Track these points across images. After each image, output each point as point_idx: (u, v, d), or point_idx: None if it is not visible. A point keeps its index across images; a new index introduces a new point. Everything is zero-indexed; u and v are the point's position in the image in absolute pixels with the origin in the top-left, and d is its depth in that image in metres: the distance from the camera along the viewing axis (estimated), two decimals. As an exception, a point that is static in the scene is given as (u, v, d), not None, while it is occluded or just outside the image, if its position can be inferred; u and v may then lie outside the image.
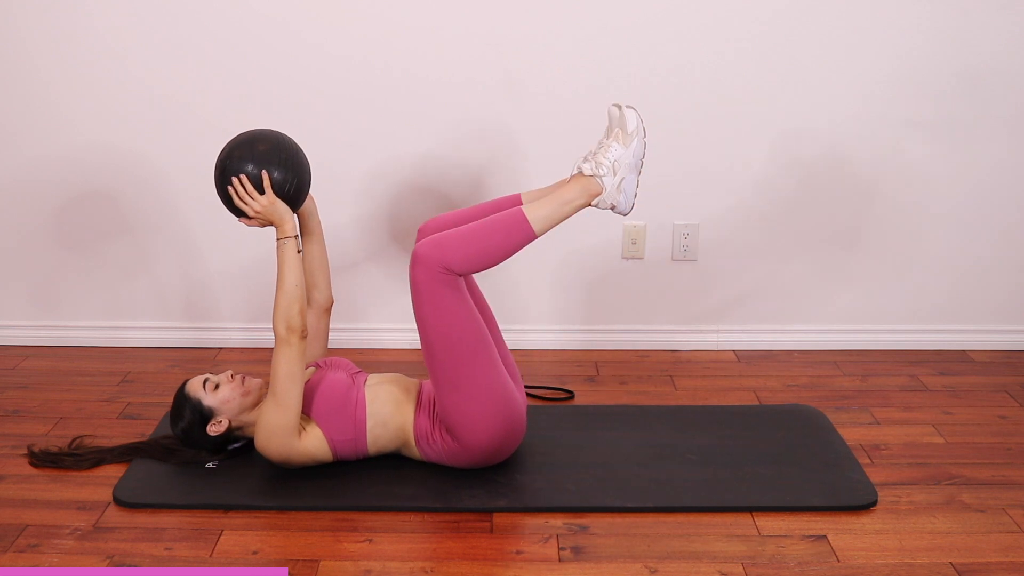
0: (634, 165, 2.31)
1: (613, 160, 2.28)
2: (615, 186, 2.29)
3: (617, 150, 2.28)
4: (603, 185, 2.28)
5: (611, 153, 2.28)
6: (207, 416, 2.37)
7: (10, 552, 2.13)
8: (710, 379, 2.99)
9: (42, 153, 3.07)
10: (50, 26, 2.94)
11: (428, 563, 2.09)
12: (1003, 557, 2.09)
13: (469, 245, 2.22)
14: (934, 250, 3.13)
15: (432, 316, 2.22)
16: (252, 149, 2.27)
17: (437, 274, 2.19)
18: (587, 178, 2.29)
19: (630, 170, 2.30)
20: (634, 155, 2.30)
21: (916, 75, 2.95)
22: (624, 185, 2.30)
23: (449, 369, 2.24)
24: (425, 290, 2.21)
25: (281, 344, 2.24)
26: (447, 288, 2.20)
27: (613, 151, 2.28)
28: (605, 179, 2.28)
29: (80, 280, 3.21)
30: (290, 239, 2.28)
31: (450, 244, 2.20)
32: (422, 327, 2.25)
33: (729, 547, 2.13)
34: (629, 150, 2.29)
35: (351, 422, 2.33)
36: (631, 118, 2.29)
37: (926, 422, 2.70)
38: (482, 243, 2.23)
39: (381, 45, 2.94)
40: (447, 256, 2.19)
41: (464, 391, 2.25)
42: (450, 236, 2.22)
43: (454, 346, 2.23)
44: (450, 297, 2.21)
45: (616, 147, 2.29)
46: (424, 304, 2.22)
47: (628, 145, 2.29)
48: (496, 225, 2.25)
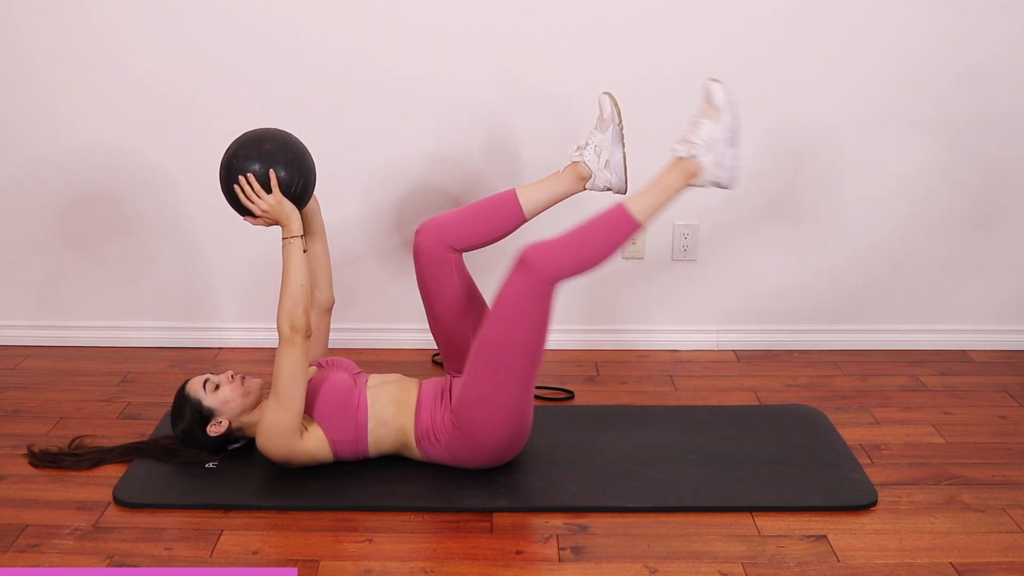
0: (729, 139, 2.28)
1: (706, 137, 2.27)
2: (714, 163, 2.28)
3: (708, 127, 2.27)
4: (700, 164, 2.28)
5: (703, 131, 2.28)
6: (207, 417, 2.37)
7: (10, 552, 2.13)
8: (710, 379, 2.99)
9: (42, 153, 3.07)
10: (50, 26, 2.94)
11: (428, 563, 2.09)
12: (1003, 557, 2.09)
13: (578, 251, 2.23)
14: (934, 250, 3.13)
15: (514, 318, 2.22)
16: (258, 148, 2.27)
17: (543, 284, 2.20)
18: (684, 160, 2.29)
19: (726, 144, 2.28)
20: (727, 128, 2.28)
21: (916, 75, 2.95)
22: (724, 160, 2.28)
23: (498, 366, 2.23)
24: (521, 294, 2.20)
25: (285, 344, 2.25)
26: (544, 298, 2.21)
27: (705, 128, 2.27)
28: (701, 157, 2.28)
29: (80, 280, 3.21)
30: (296, 238, 2.28)
31: (559, 253, 2.21)
32: (497, 322, 2.23)
33: (729, 547, 2.13)
34: (720, 124, 2.28)
35: (352, 423, 2.33)
36: (717, 91, 2.28)
37: (926, 422, 2.70)
38: (590, 247, 2.24)
39: (381, 45, 2.94)
40: (559, 267, 2.20)
41: (500, 390, 2.25)
42: (558, 245, 2.22)
43: (516, 350, 2.23)
44: (540, 307, 2.22)
45: (707, 124, 2.28)
46: (510, 304, 2.21)
47: (718, 120, 2.28)
48: (601, 225, 2.26)
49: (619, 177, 2.42)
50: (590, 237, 2.25)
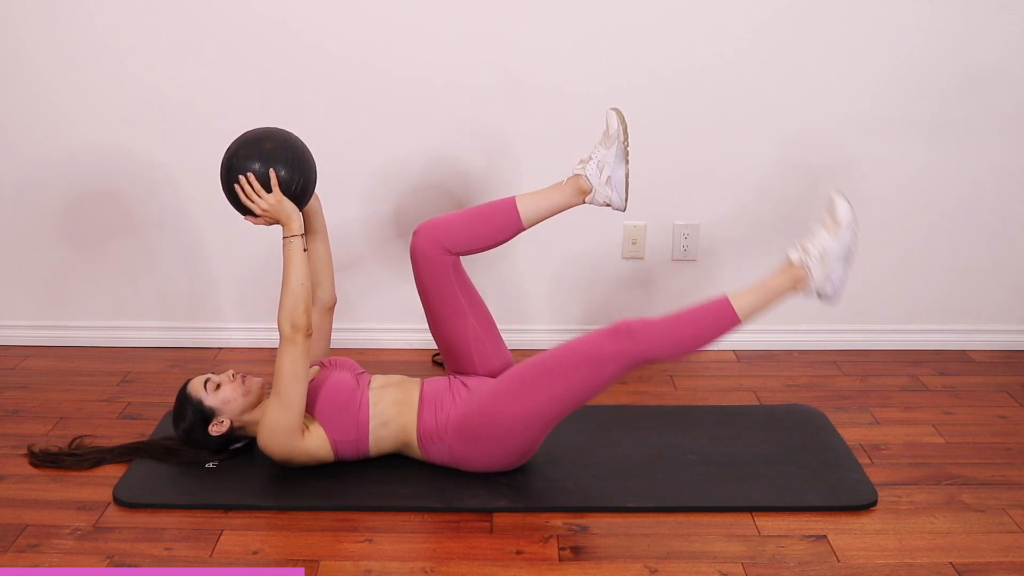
0: (843, 256, 2.29)
1: (821, 249, 2.27)
2: (823, 276, 2.29)
3: (826, 239, 2.28)
4: (811, 275, 2.29)
5: (819, 241, 2.28)
6: (208, 416, 2.37)
7: (10, 552, 2.13)
8: (710, 379, 2.99)
9: (42, 153, 3.07)
10: (50, 26, 2.94)
11: (428, 563, 2.09)
12: (1003, 557, 2.09)
13: (678, 335, 2.25)
14: (934, 250, 3.13)
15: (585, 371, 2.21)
16: (259, 147, 2.27)
17: (632, 356, 2.21)
18: (795, 267, 2.29)
19: (839, 260, 2.29)
20: (844, 246, 2.28)
21: (916, 75, 2.95)
22: (834, 275, 2.29)
23: (539, 402, 2.24)
24: (606, 357, 2.20)
25: (286, 343, 2.24)
26: (624, 368, 2.22)
27: (822, 240, 2.28)
28: (813, 269, 2.28)
29: (80, 280, 3.21)
30: (296, 238, 2.27)
31: (661, 330, 2.23)
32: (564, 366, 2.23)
33: (729, 547, 2.13)
34: (838, 240, 2.28)
35: (353, 423, 2.33)
36: (842, 208, 2.29)
37: (926, 422, 2.70)
38: (689, 334, 2.26)
39: (381, 45, 2.94)
40: (656, 344, 2.22)
41: (526, 420, 2.26)
42: (661, 322, 2.24)
43: (567, 396, 2.24)
44: (615, 373, 2.23)
45: (825, 236, 2.28)
46: (591, 360, 2.21)
47: (837, 235, 2.28)
48: (703, 315, 2.27)
49: (620, 195, 2.41)
50: (691, 324, 2.26)
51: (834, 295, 2.32)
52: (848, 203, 2.30)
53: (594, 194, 2.42)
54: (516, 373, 2.30)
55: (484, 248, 2.45)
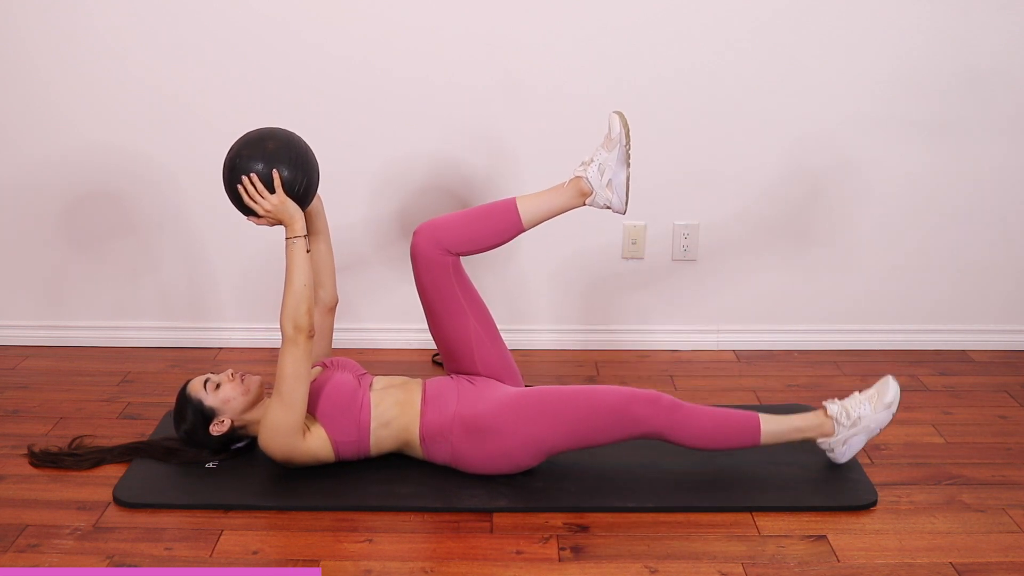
0: (871, 430, 2.36)
1: (858, 416, 2.34)
2: (843, 441, 2.35)
3: (866, 410, 2.34)
4: (837, 431, 2.35)
5: (860, 409, 2.35)
6: (209, 416, 2.37)
7: (10, 552, 2.13)
8: (710, 379, 2.99)
9: (42, 153, 3.07)
10: (50, 26, 2.94)
11: (428, 563, 2.09)
12: (1003, 557, 2.09)
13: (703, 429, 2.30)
14: (934, 250, 3.13)
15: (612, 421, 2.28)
16: (262, 147, 2.26)
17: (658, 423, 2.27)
18: (828, 418, 2.35)
19: (866, 432, 2.36)
20: (877, 424, 2.35)
21: (916, 75, 2.95)
22: (853, 439, 2.36)
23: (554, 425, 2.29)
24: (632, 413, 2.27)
25: (288, 344, 2.24)
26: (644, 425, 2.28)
27: (863, 408, 2.35)
28: (842, 427, 2.35)
29: (81, 280, 3.21)
30: (299, 238, 2.27)
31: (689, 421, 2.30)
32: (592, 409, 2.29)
33: (729, 547, 2.13)
34: (875, 416, 2.35)
35: (355, 424, 2.33)
36: (893, 393, 2.36)
37: (926, 422, 2.70)
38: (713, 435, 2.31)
39: (381, 45, 2.94)
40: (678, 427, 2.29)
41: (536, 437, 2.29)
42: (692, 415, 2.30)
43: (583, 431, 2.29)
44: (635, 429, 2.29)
45: (867, 407, 2.35)
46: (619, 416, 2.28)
47: (877, 412, 2.35)
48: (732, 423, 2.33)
49: (620, 198, 2.41)
50: (718, 428, 2.31)
51: (843, 458, 2.38)
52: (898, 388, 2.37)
53: (595, 197, 2.42)
54: (542, 394, 2.32)
55: (484, 249, 2.45)
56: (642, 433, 2.28)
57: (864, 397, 2.36)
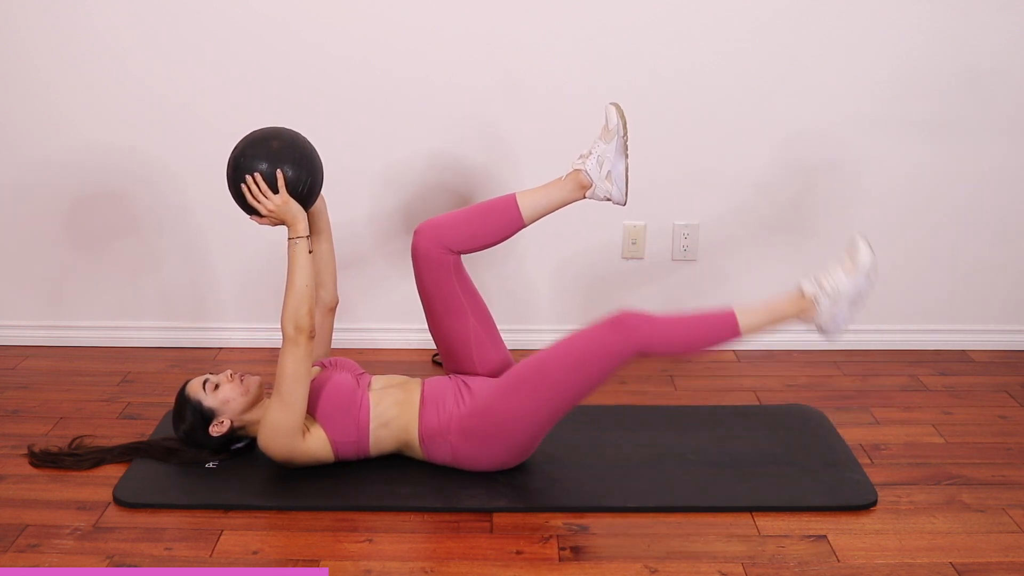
0: (854, 299, 2.29)
1: (834, 288, 2.28)
2: (829, 312, 2.29)
3: (841, 279, 2.28)
4: (819, 309, 2.29)
5: (834, 279, 2.28)
6: (208, 417, 2.37)
7: (10, 552, 2.13)
8: (710, 379, 2.99)
9: (42, 154, 3.07)
10: (50, 26, 2.94)
11: (428, 563, 2.09)
12: (1003, 557, 2.09)
13: (675, 334, 2.27)
14: (934, 250, 3.13)
15: (584, 366, 2.24)
16: (266, 147, 2.26)
17: (630, 349, 2.22)
18: (805, 298, 2.30)
19: (849, 301, 2.29)
20: (857, 290, 2.28)
21: (916, 75, 2.95)
22: (838, 314, 2.30)
23: (540, 400, 2.26)
24: (605, 350, 2.22)
25: (289, 344, 2.24)
26: (620, 360, 2.23)
27: (837, 278, 2.28)
28: (822, 304, 2.29)
29: (81, 280, 3.21)
30: (302, 239, 2.27)
31: (660, 326, 2.24)
32: (562, 362, 2.25)
33: (729, 547, 2.13)
34: (853, 283, 2.28)
35: (354, 424, 2.33)
36: (864, 254, 2.29)
37: (926, 422, 2.70)
38: (690, 334, 2.28)
39: (381, 45, 2.94)
40: (653, 339, 2.23)
41: (528, 418, 2.27)
42: (661, 318, 2.26)
43: (567, 392, 2.25)
44: (612, 366, 2.24)
45: (841, 275, 2.29)
46: (589, 353, 2.24)
47: (853, 278, 2.28)
48: (708, 321, 2.29)
49: (620, 189, 2.41)
50: (694, 327, 2.28)
51: (835, 333, 2.33)
52: (870, 249, 2.29)
53: (594, 189, 2.42)
54: (518, 372, 2.30)
55: (486, 246, 2.45)
56: (627, 359, 2.23)
57: (836, 267, 2.31)
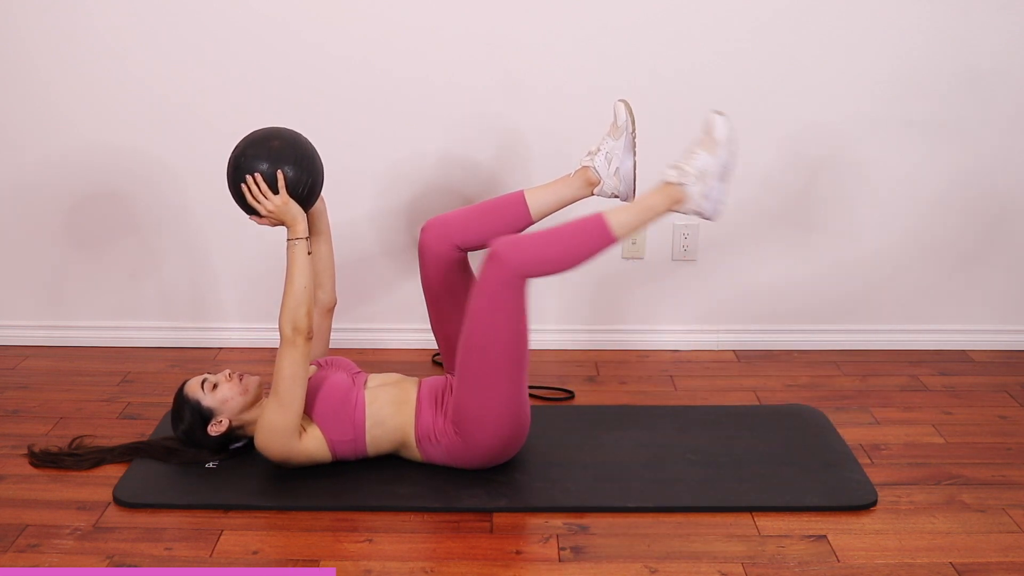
0: (721, 173, 2.28)
1: (699, 168, 2.26)
2: (700, 194, 2.28)
3: (704, 158, 2.27)
4: (687, 193, 2.28)
5: (697, 161, 2.27)
6: (207, 417, 2.37)
7: (10, 552, 2.13)
8: (710, 379, 2.99)
9: (42, 154, 3.07)
10: (50, 26, 2.94)
11: (428, 563, 2.09)
12: (1003, 557, 2.09)
13: (549, 249, 2.22)
14: (934, 250, 3.13)
15: (487, 314, 2.21)
16: (267, 147, 2.26)
17: (511, 278, 2.19)
18: (672, 185, 2.28)
19: (717, 178, 2.28)
20: (721, 164, 2.27)
21: (916, 75, 2.95)
22: (711, 193, 2.28)
23: (484, 368, 2.24)
24: (491, 289, 2.20)
25: (286, 345, 2.24)
26: (515, 293, 2.20)
27: (700, 159, 2.27)
28: (690, 187, 2.27)
29: (81, 280, 3.21)
30: (301, 240, 2.27)
31: (530, 248, 2.21)
32: (474, 322, 2.23)
33: (729, 547, 2.13)
34: (716, 158, 2.27)
35: (350, 424, 2.33)
36: (719, 125, 2.27)
37: (926, 422, 2.70)
38: (562, 249, 2.23)
39: (381, 45, 2.94)
40: (526, 260, 2.19)
41: (489, 391, 2.25)
42: (531, 240, 2.23)
43: (498, 348, 2.23)
44: (514, 302, 2.21)
45: (703, 155, 2.28)
46: (485, 301, 2.21)
47: (715, 153, 2.27)
48: (576, 230, 2.25)
49: (628, 185, 2.42)
50: (565, 240, 2.24)
51: (713, 212, 2.31)
52: (727, 120, 2.28)
53: (602, 185, 2.42)
54: (460, 357, 2.28)
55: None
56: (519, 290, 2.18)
57: (695, 146, 2.29)
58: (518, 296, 2.20)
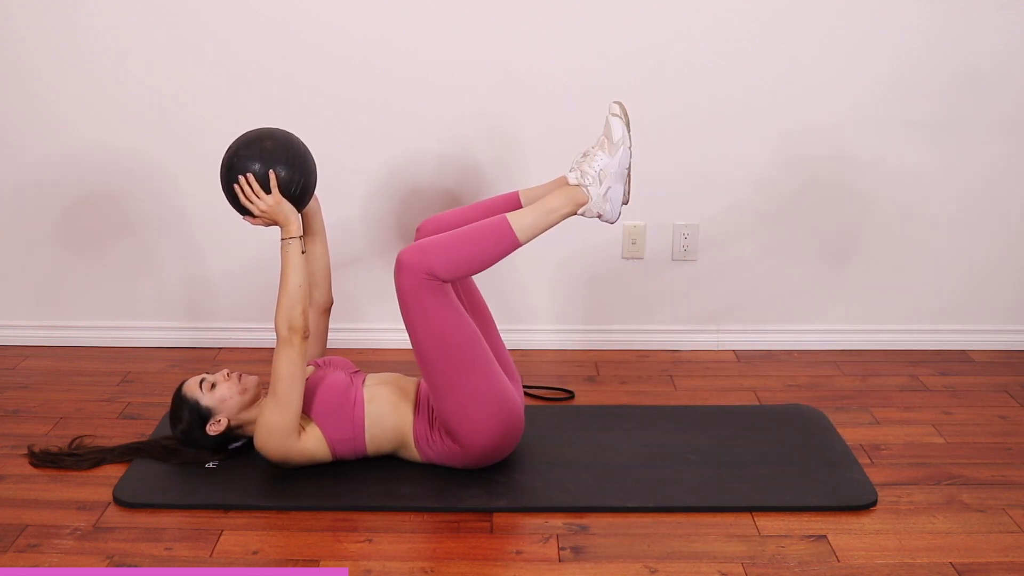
0: (620, 175, 2.29)
1: (599, 169, 2.27)
2: (601, 195, 2.28)
3: (603, 159, 2.28)
4: (588, 194, 2.28)
5: (596, 162, 2.28)
6: (206, 416, 2.37)
7: (10, 552, 2.13)
8: (710, 379, 2.99)
9: (42, 154, 3.07)
10: (50, 26, 2.94)
11: (428, 563, 2.09)
12: (1003, 557, 2.09)
13: (453, 251, 2.21)
14: (934, 250, 3.13)
15: (420, 322, 2.22)
16: (259, 147, 2.27)
17: (422, 280, 2.18)
18: (573, 187, 2.28)
19: (616, 179, 2.29)
20: (619, 164, 2.28)
21: (916, 75, 2.95)
22: (610, 194, 2.29)
23: (444, 374, 2.24)
24: (411, 297, 2.20)
25: (283, 344, 2.24)
26: (432, 294, 2.20)
27: (599, 160, 2.28)
28: (591, 188, 2.28)
29: (80, 280, 3.21)
30: (294, 239, 2.27)
31: (434, 250, 2.20)
32: (412, 334, 2.25)
33: (729, 547, 2.13)
34: (615, 159, 2.28)
35: (349, 422, 2.33)
36: (616, 127, 2.28)
37: (926, 422, 2.70)
38: (467, 249, 2.22)
39: (381, 45, 2.94)
40: (431, 262, 2.18)
41: (461, 394, 2.25)
42: (434, 242, 2.22)
43: (446, 351, 2.23)
44: (436, 303, 2.20)
45: (602, 156, 2.28)
46: (411, 310, 2.22)
47: (613, 154, 2.28)
48: (481, 232, 2.24)
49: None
50: (468, 242, 2.22)
51: (612, 214, 2.31)
52: (620, 118, 2.28)
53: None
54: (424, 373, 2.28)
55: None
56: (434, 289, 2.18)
57: (596, 148, 2.30)
58: (438, 296, 2.20)
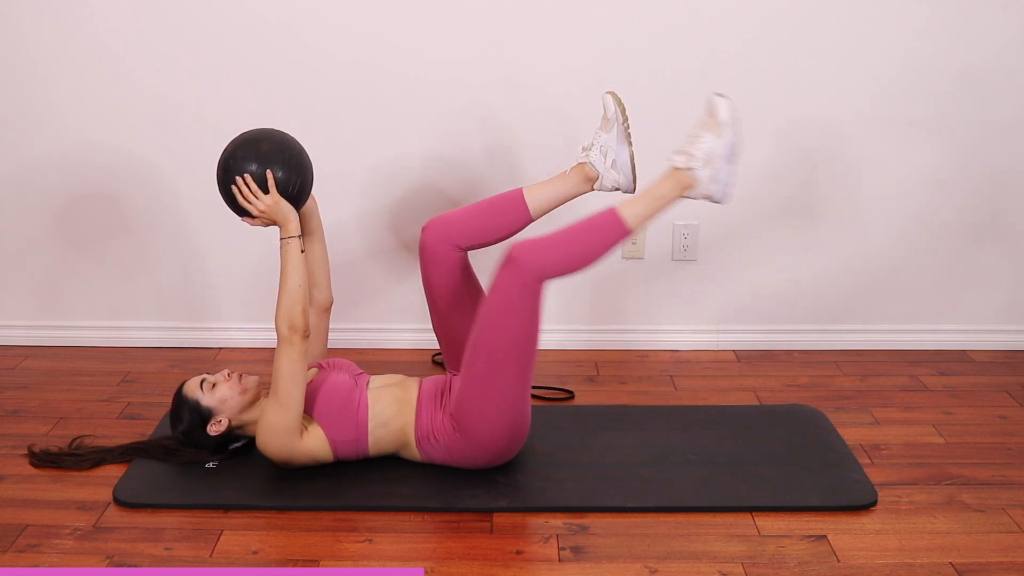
0: (728, 155, 2.28)
1: (706, 151, 2.26)
2: (710, 177, 2.27)
3: (710, 141, 2.26)
4: (696, 177, 2.28)
5: (703, 144, 2.27)
6: (206, 416, 2.37)
7: (10, 552, 2.13)
8: (710, 379, 2.99)
9: (42, 153, 3.07)
10: (50, 26, 2.94)
11: (428, 563, 2.09)
12: (1003, 557, 2.09)
13: (564, 247, 2.23)
14: (934, 250, 3.13)
15: (504, 313, 2.21)
16: (256, 148, 2.27)
17: (530, 281, 2.19)
18: (680, 171, 2.28)
19: (724, 160, 2.28)
20: (727, 145, 2.27)
21: (916, 75, 2.95)
22: (718, 175, 2.28)
23: (492, 362, 2.23)
24: (512, 292, 2.20)
25: (283, 344, 2.25)
26: (533, 296, 2.20)
27: (706, 142, 2.26)
28: (698, 171, 2.27)
29: (80, 280, 3.21)
30: (293, 239, 2.28)
31: (548, 251, 2.21)
32: (486, 322, 2.23)
33: (729, 547, 2.13)
34: (722, 140, 2.26)
35: (353, 423, 2.33)
36: (722, 107, 2.26)
37: (926, 422, 2.70)
38: (578, 245, 2.24)
39: (381, 45, 2.94)
40: (545, 263, 2.19)
41: (493, 389, 2.25)
42: (547, 242, 2.23)
43: (510, 346, 2.23)
44: (529, 306, 2.21)
45: (708, 137, 2.27)
46: (502, 304, 2.21)
47: (721, 135, 2.26)
48: (590, 226, 2.26)
49: (627, 177, 2.42)
50: (580, 238, 2.25)
51: (723, 195, 2.31)
52: (729, 101, 2.28)
53: (601, 180, 2.43)
54: (467, 357, 2.28)
55: (493, 241, 2.47)
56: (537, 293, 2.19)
57: (700, 130, 2.29)
58: (535, 300, 2.21)
